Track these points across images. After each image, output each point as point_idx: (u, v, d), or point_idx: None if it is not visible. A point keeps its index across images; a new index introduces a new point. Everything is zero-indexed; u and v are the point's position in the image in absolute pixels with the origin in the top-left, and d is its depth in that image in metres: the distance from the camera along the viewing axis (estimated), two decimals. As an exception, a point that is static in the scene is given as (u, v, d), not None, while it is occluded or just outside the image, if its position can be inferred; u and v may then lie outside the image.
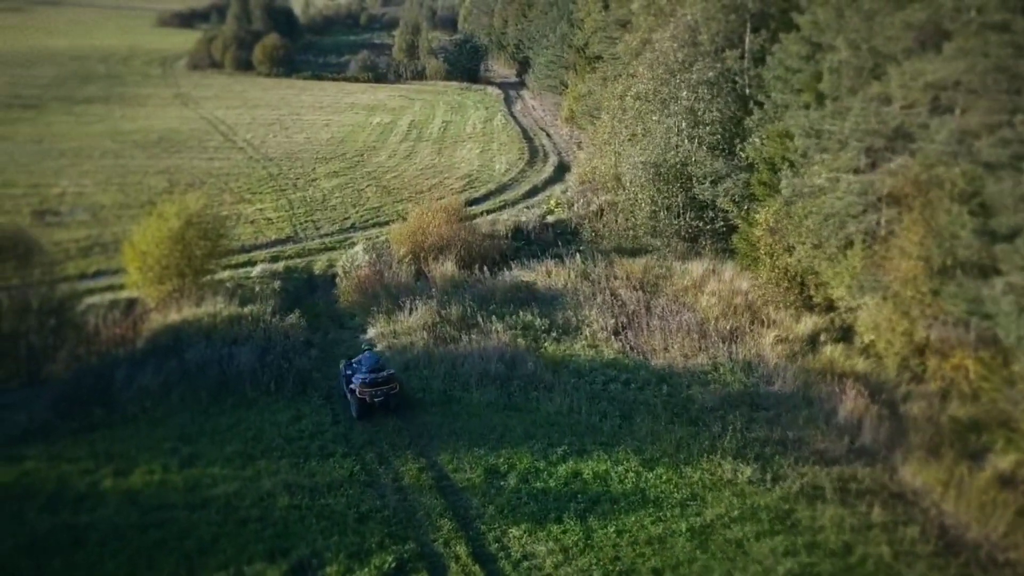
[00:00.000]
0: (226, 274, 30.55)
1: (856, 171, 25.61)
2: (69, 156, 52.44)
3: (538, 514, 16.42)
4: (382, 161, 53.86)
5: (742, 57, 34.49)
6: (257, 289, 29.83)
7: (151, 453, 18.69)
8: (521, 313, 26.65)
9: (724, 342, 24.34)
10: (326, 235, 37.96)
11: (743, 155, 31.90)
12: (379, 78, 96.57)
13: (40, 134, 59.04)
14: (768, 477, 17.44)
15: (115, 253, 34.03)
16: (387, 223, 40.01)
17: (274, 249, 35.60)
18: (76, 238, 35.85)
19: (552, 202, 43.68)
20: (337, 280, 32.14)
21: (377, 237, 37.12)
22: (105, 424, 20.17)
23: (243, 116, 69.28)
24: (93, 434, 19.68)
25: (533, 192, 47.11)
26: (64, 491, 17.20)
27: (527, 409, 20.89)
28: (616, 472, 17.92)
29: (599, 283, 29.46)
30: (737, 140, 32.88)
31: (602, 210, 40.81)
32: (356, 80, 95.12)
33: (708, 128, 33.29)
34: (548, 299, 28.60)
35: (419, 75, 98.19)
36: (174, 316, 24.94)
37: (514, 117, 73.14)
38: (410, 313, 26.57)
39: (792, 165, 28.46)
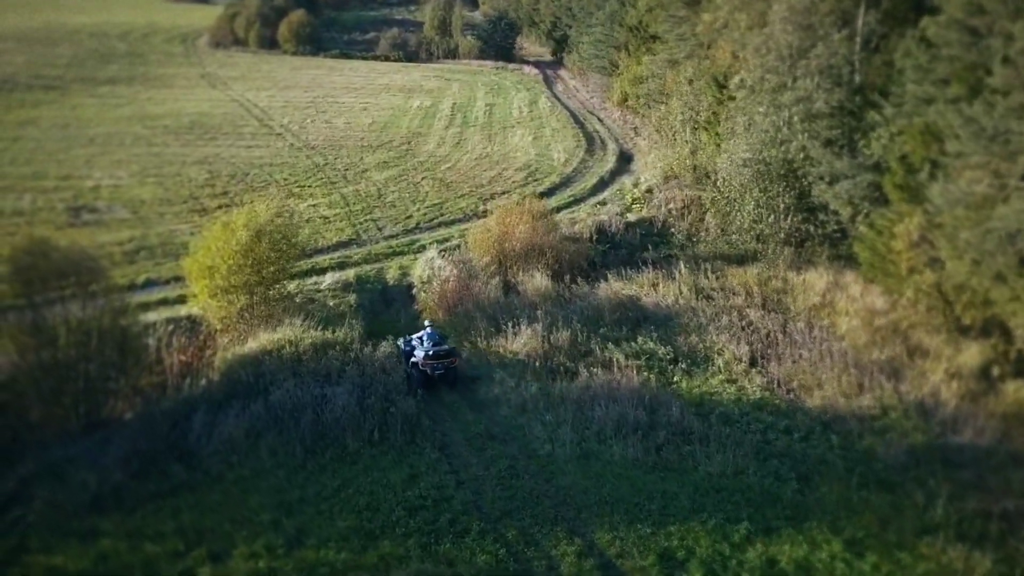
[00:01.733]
0: (293, 285, 27.28)
1: (1028, 177, 22.19)
2: (99, 143, 49.21)
3: (742, 623, 13.23)
4: (431, 150, 50.39)
5: (851, 39, 30.76)
6: (331, 304, 26.61)
7: (249, 528, 15.50)
8: (639, 339, 23.32)
9: (887, 378, 20.98)
10: (391, 236, 34.68)
11: (867, 153, 28.36)
12: (409, 57, 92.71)
13: (65, 118, 55.79)
14: (1018, 573, 14.16)
15: (163, 259, 31.01)
16: (453, 222, 36.75)
17: (337, 254, 32.37)
18: (119, 240, 32.67)
19: (628, 198, 40.24)
20: (414, 292, 28.91)
21: (448, 240, 33.83)
22: (186, 486, 16.99)
23: (275, 99, 65.79)
24: (175, 499, 16.50)
25: (601, 186, 43.64)
26: (152, 584, 14.08)
27: (682, 469, 17.60)
28: (819, 560, 14.66)
29: (716, 299, 26.09)
30: (857, 135, 29.33)
31: (686, 208, 37.41)
32: (386, 59, 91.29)
33: (825, 122, 29.69)
34: (661, 319, 25.27)
35: (451, 54, 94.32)
36: (251, 344, 21.69)
37: (559, 99, 69.42)
38: (513, 337, 23.29)
39: (936, 166, 25.01)
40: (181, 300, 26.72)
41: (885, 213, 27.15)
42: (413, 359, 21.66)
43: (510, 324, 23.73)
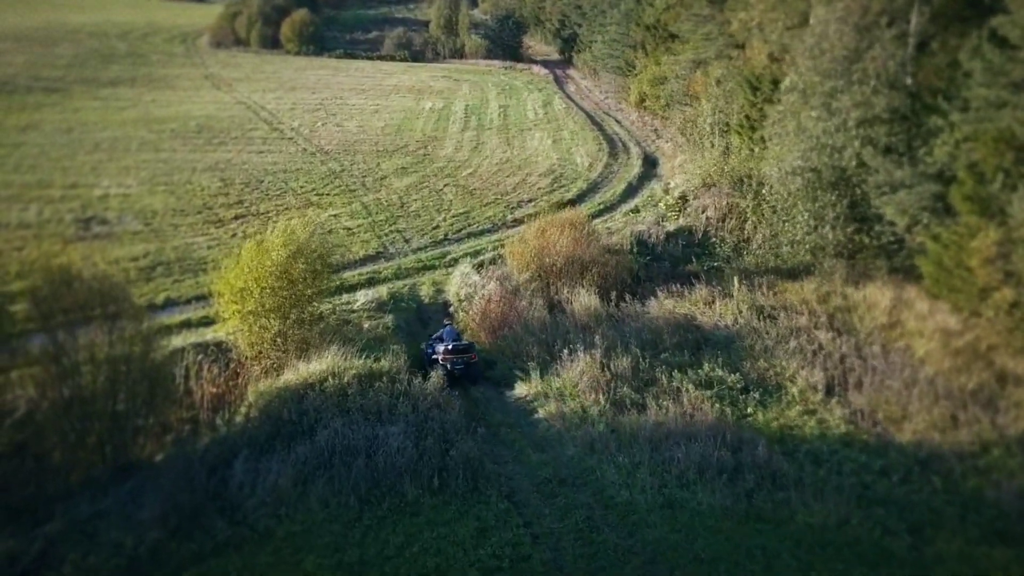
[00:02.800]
0: (326, 306, 25.54)
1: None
2: (104, 149, 47.33)
3: None
4: (449, 154, 48.64)
5: (901, 39, 29.13)
6: (367, 327, 24.90)
7: (309, 597, 13.84)
8: (705, 365, 21.65)
9: (981, 409, 19.35)
10: (419, 249, 32.96)
11: (929, 160, 26.76)
12: (415, 57, 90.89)
13: (68, 122, 53.84)
14: None
15: (181, 275, 29.25)
16: (482, 233, 35.07)
17: (365, 269, 30.63)
18: (133, 255, 30.86)
19: (662, 205, 38.58)
20: (452, 311, 27.20)
21: (479, 252, 32.15)
22: (232, 544, 15.24)
23: (283, 101, 63.93)
24: (221, 560, 14.77)
25: (630, 192, 42.00)
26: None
27: (778, 519, 15.93)
28: (955, 634, 13.07)
29: (779, 319, 24.43)
30: (917, 142, 27.72)
31: (725, 216, 35.77)
32: (392, 59, 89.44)
33: (883, 128, 28.05)
34: (722, 341, 23.61)
35: (457, 54, 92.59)
36: (288, 375, 19.96)
37: (573, 100, 67.74)
38: (569, 364, 21.60)
39: (1009, 175, 23.48)
40: (205, 322, 25.03)
41: (952, 226, 25.58)
42: (434, 356, 22.46)
43: (565, 350, 22.00)
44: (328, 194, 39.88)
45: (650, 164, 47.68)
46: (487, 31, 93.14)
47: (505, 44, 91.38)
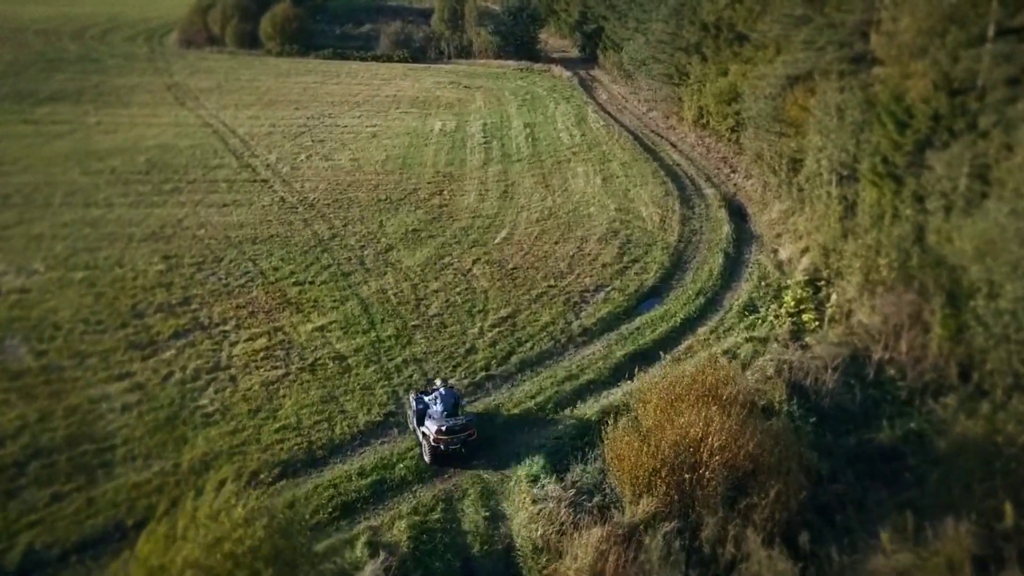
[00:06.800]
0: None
1: None
2: (17, 204, 35.70)
3: None
4: (473, 204, 36.93)
5: None
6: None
7: None
8: None
9: None
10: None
11: None
12: (415, 56, 78.75)
13: (-19, 160, 42.00)
14: None
15: (66, 482, 17.87)
16: (541, 359, 23.73)
17: (367, 457, 18.97)
18: (12, 449, 19.19)
19: (787, 298, 26.99)
20: (524, 570, 15.71)
21: (545, 412, 20.66)
22: None
23: (259, 121, 51.89)
24: None
25: (731, 269, 30.40)
26: None
27: None
28: None
29: None
30: None
31: (901, 327, 24.30)
32: (389, 59, 77.29)
33: None
34: None
35: (464, 52, 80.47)
36: None
37: (609, 115, 55.85)
38: None
39: None
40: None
41: None
42: (423, 429, 19.09)
43: None
44: (313, 282, 28.19)
45: (736, 214, 36.14)
46: (498, 25, 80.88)
47: (519, 40, 79.22)
